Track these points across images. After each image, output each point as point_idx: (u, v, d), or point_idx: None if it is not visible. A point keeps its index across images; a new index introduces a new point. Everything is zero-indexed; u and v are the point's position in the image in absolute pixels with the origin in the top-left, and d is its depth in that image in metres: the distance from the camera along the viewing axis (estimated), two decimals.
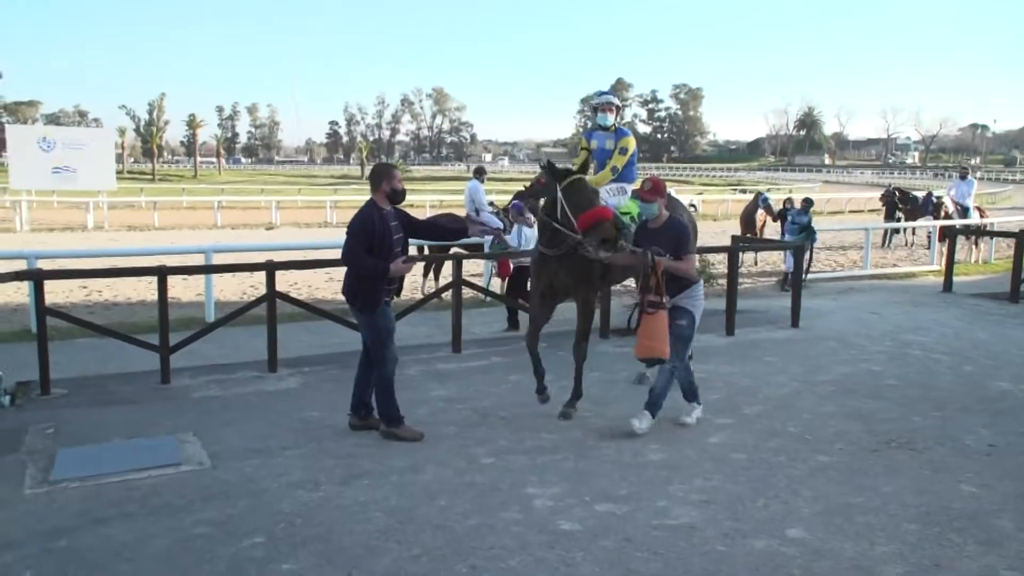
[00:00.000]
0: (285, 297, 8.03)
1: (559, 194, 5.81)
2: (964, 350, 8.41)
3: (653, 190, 5.82)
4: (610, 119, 7.04)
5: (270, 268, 7.54)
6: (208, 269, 8.80)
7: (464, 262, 8.88)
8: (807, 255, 13.39)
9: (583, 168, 6.22)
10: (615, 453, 5.32)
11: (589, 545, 4.04)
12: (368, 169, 78.81)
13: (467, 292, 9.43)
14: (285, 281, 13.08)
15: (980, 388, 6.97)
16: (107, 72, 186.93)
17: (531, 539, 4.10)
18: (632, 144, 7.11)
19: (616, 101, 7.10)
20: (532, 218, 7.78)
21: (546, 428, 5.82)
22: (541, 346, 6.32)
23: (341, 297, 12.83)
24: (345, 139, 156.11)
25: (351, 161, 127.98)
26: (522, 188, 9.73)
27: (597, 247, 5.62)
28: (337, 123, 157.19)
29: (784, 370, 7.49)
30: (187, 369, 7.28)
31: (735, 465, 5.12)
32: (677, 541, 4.09)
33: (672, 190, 8.61)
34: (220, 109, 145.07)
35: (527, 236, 9.12)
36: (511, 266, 10.13)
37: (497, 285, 12.27)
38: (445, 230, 6.63)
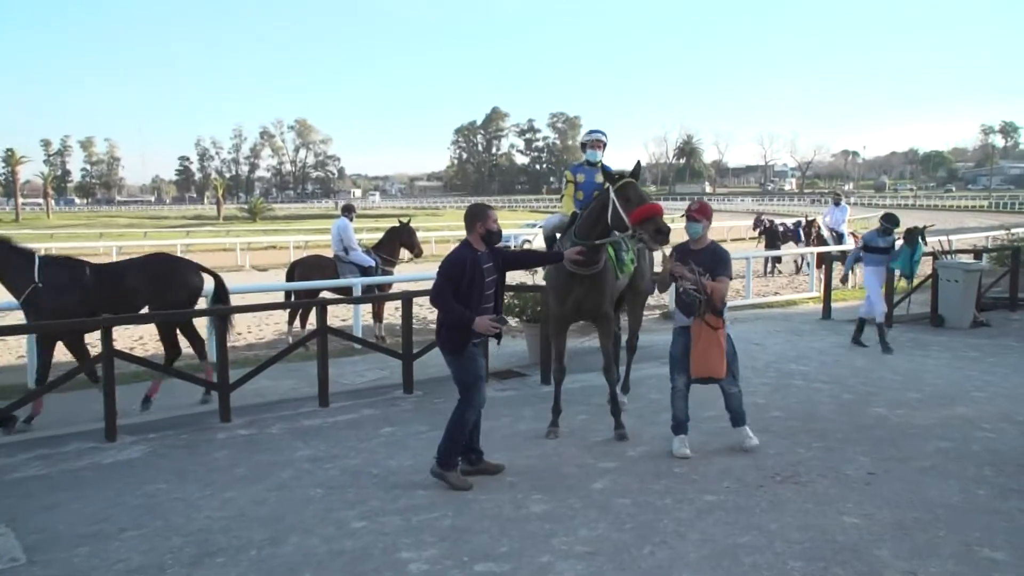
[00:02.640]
0: (125, 355, 7.65)
1: (611, 194, 6.36)
2: (843, 377, 8.96)
3: (700, 210, 6.35)
4: (599, 155, 7.53)
5: (106, 324, 7.13)
6: (28, 328, 8.12)
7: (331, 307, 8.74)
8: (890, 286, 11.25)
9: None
10: (495, 507, 5.32)
11: None
12: (223, 209, 76.83)
13: (335, 340, 9.25)
14: (128, 336, 12.45)
15: (859, 416, 7.43)
16: None
17: None
18: None
19: (605, 138, 7.64)
20: None
21: (422, 484, 5.75)
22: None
23: (193, 351, 12.30)
24: (198, 176, 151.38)
25: (205, 200, 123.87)
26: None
27: (652, 237, 6.16)
28: (188, 158, 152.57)
29: (669, 408, 7.70)
30: (1, 446, 6.75)
31: (620, 511, 5.22)
32: None
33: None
34: (46, 143, 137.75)
35: None
36: None
37: (361, 330, 12.14)
38: (544, 257, 6.83)
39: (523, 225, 39.93)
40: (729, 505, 5.31)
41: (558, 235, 7.41)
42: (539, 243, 31.74)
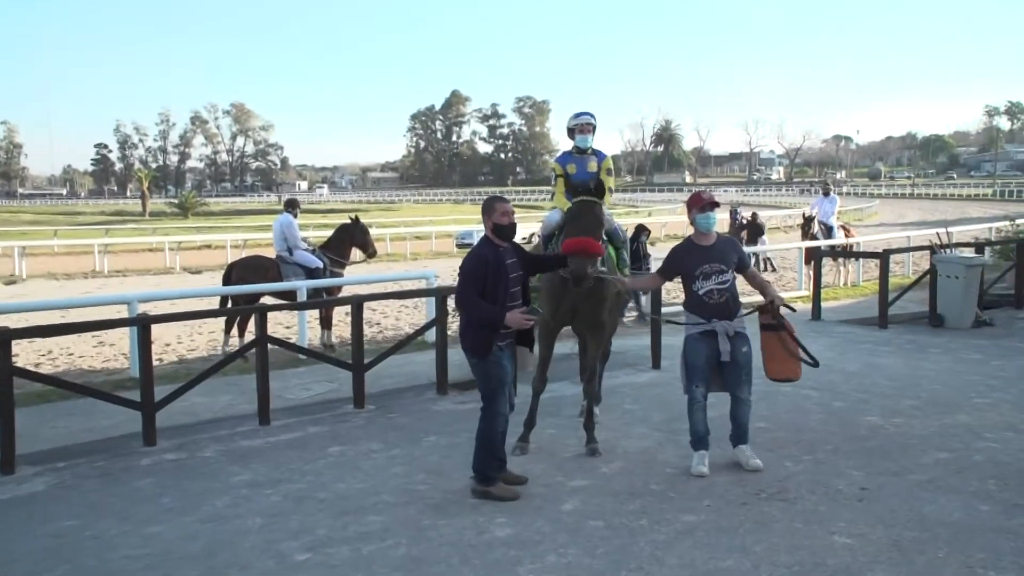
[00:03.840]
0: (27, 373, 7.54)
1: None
2: (834, 384, 9.07)
3: (714, 200, 6.53)
4: (590, 140, 7.58)
5: (5, 337, 6.97)
6: None
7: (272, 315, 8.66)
8: None
9: (598, 192, 6.75)
10: (455, 532, 5.32)
11: None
12: (148, 204, 75.80)
13: (277, 351, 9.18)
14: (35, 351, 12.26)
15: (851, 425, 7.54)
16: None
17: None
18: (611, 163, 7.86)
19: (594, 121, 7.65)
20: None
21: (374, 509, 5.74)
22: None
23: (113, 366, 12.09)
24: (119, 166, 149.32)
25: (128, 193, 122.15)
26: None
27: (570, 274, 6.24)
28: (106, 146, 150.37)
29: (645, 419, 7.79)
30: None
31: (592, 535, 5.24)
32: None
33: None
34: None
35: None
36: None
37: (307, 339, 12.07)
38: (561, 260, 6.71)
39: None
40: (710, 525, 5.35)
41: (557, 233, 7.41)
42: None
